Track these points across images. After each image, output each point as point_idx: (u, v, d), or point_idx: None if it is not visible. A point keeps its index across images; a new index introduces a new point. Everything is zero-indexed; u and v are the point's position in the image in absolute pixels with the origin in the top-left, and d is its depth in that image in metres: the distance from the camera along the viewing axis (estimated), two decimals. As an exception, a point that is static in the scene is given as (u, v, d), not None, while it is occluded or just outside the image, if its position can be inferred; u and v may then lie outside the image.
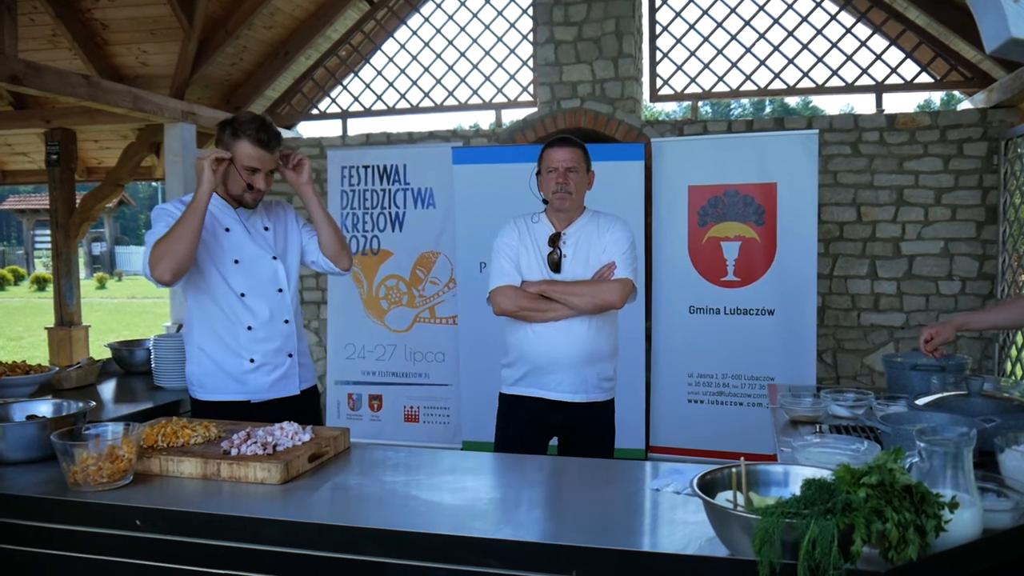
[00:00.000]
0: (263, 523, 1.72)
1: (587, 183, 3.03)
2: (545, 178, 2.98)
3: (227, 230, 2.89)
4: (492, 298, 2.97)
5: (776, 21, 6.05)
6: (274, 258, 2.95)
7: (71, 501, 1.85)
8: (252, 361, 2.82)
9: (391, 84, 6.93)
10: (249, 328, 2.82)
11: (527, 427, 2.98)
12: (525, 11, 6.50)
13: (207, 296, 2.81)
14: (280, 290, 2.92)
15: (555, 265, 2.94)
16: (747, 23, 6.08)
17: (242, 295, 2.83)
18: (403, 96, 6.90)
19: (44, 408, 2.36)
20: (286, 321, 2.94)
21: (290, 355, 2.97)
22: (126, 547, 1.80)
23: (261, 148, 2.80)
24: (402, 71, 6.92)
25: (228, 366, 2.80)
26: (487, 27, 6.64)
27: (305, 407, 3.05)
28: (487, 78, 6.67)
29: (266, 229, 3.03)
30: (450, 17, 6.87)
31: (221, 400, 2.80)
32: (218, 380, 2.81)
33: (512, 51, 6.58)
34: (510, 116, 6.72)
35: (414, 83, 6.89)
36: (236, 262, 2.85)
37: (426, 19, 6.90)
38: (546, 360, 2.91)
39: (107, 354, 3.70)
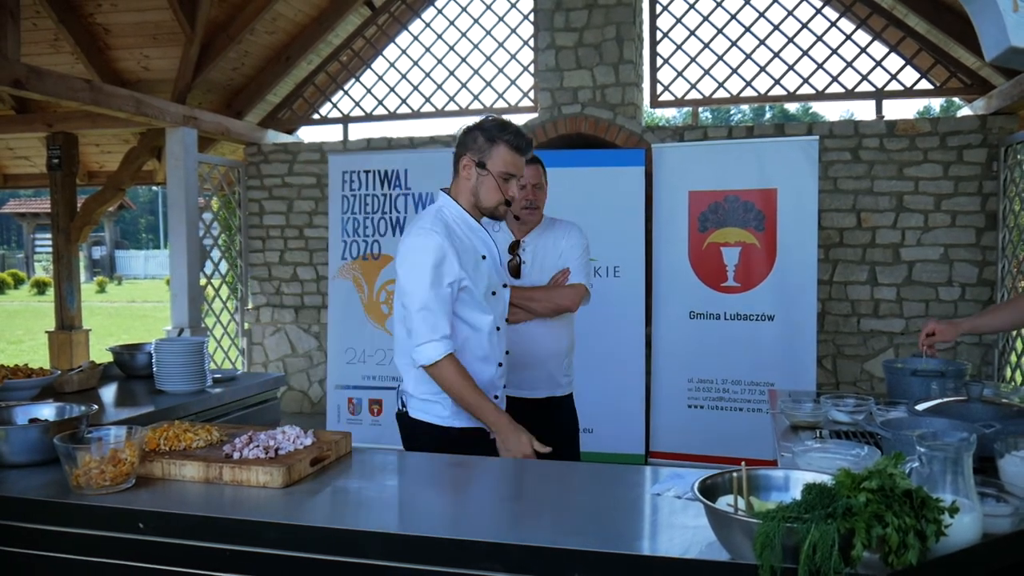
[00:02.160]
0: (265, 526, 1.72)
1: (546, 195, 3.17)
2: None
3: (484, 258, 2.63)
4: None
5: (776, 27, 6.06)
6: (504, 286, 2.77)
7: (73, 504, 1.86)
8: (496, 398, 2.67)
9: (392, 89, 6.95)
10: (500, 365, 2.69)
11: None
12: (526, 17, 6.52)
13: (468, 327, 2.60)
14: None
15: (515, 271, 3.07)
16: (747, 29, 6.10)
17: (497, 328, 2.67)
18: (404, 101, 6.92)
19: (46, 411, 2.37)
20: (507, 352, 2.79)
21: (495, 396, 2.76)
22: (128, 550, 1.80)
23: (519, 154, 2.61)
24: (403, 76, 6.93)
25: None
26: (488, 32, 6.66)
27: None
28: (488, 83, 6.69)
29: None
30: (451, 22, 6.90)
31: (471, 427, 2.60)
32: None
33: (513, 56, 6.60)
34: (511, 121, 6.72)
35: (415, 88, 6.91)
36: (493, 294, 2.67)
37: (427, 24, 6.92)
38: (515, 360, 2.96)
39: (108, 358, 3.70)
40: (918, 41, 5.89)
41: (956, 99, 6.79)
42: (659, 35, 6.28)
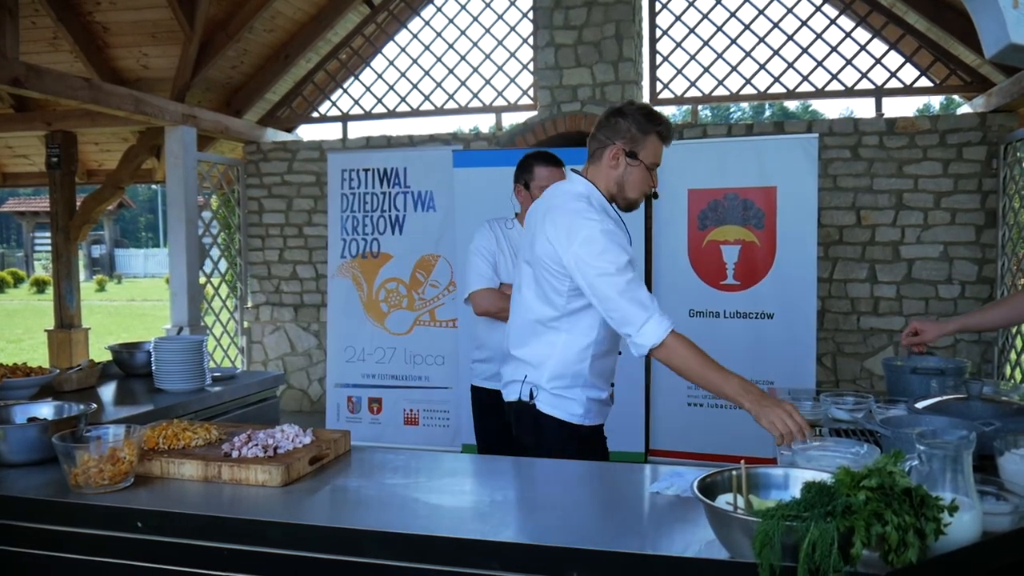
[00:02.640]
0: (264, 525, 1.72)
1: None
2: (538, 193, 2.95)
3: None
4: (473, 299, 3.12)
5: (776, 25, 6.06)
6: None
7: (72, 503, 1.85)
8: (613, 384, 2.68)
9: (391, 87, 6.94)
10: (619, 353, 2.64)
11: (501, 418, 2.97)
12: (525, 15, 6.52)
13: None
14: None
15: None
16: (747, 27, 6.09)
17: None
18: (403, 99, 6.91)
19: (45, 410, 2.36)
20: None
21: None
22: (127, 549, 1.80)
23: (666, 146, 2.53)
24: (402, 74, 6.93)
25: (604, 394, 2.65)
26: (487, 30, 6.65)
27: None
28: (487, 81, 6.68)
29: None
30: (450, 20, 6.89)
31: (598, 424, 2.64)
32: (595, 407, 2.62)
33: (512, 55, 6.59)
34: (510, 119, 6.73)
35: (414, 86, 6.90)
36: None
37: (426, 22, 6.91)
38: None
39: (107, 356, 3.69)
40: (918, 39, 5.88)
41: (956, 97, 6.79)
42: (658, 33, 6.28)
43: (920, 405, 2.28)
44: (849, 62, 6.02)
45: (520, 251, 2.72)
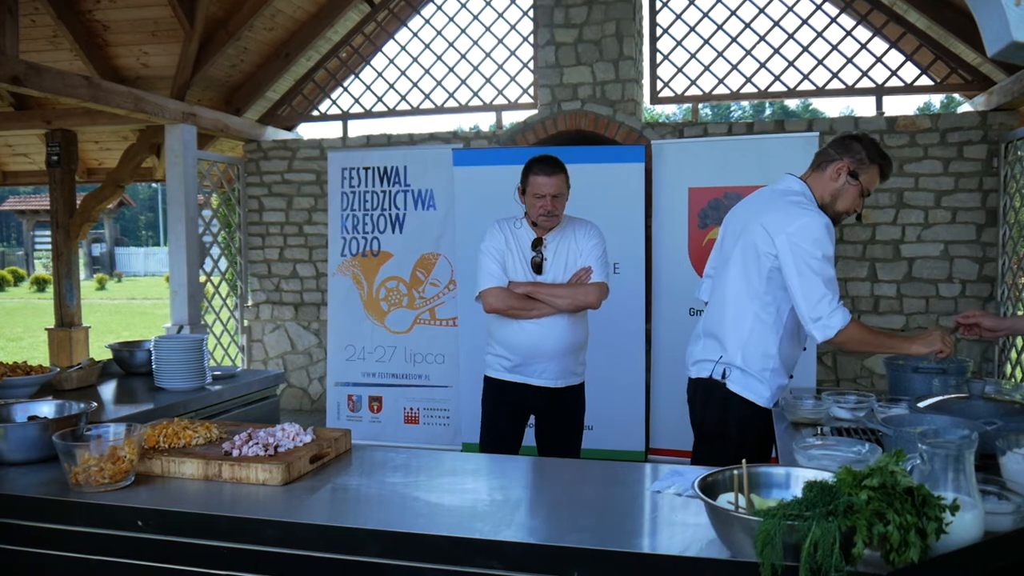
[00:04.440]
0: (264, 524, 1.72)
1: (569, 195, 3.35)
2: (531, 200, 3.27)
3: None
4: (483, 297, 3.27)
5: (776, 23, 6.05)
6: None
7: (73, 502, 1.85)
8: (791, 377, 2.84)
9: (392, 86, 6.93)
10: (804, 349, 2.89)
11: (511, 408, 3.36)
12: (526, 13, 6.51)
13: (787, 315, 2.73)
14: None
15: (537, 268, 3.29)
16: (747, 25, 6.09)
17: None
18: (403, 98, 6.91)
19: (46, 409, 2.36)
20: None
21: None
22: (127, 548, 1.80)
23: (882, 181, 2.80)
24: (403, 73, 6.92)
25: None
26: (488, 29, 6.65)
27: None
28: (488, 80, 6.68)
29: None
30: (451, 19, 6.88)
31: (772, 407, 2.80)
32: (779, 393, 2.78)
33: (513, 53, 6.58)
34: (511, 118, 6.73)
35: (415, 85, 6.90)
36: None
37: (427, 21, 6.91)
38: (534, 352, 3.26)
39: (107, 355, 3.69)
40: (918, 37, 5.87)
41: (956, 95, 6.78)
42: (659, 31, 6.27)
43: (922, 404, 2.28)
44: (850, 60, 6.01)
45: (721, 242, 2.96)
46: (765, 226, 2.64)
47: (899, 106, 12.34)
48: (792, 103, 26.30)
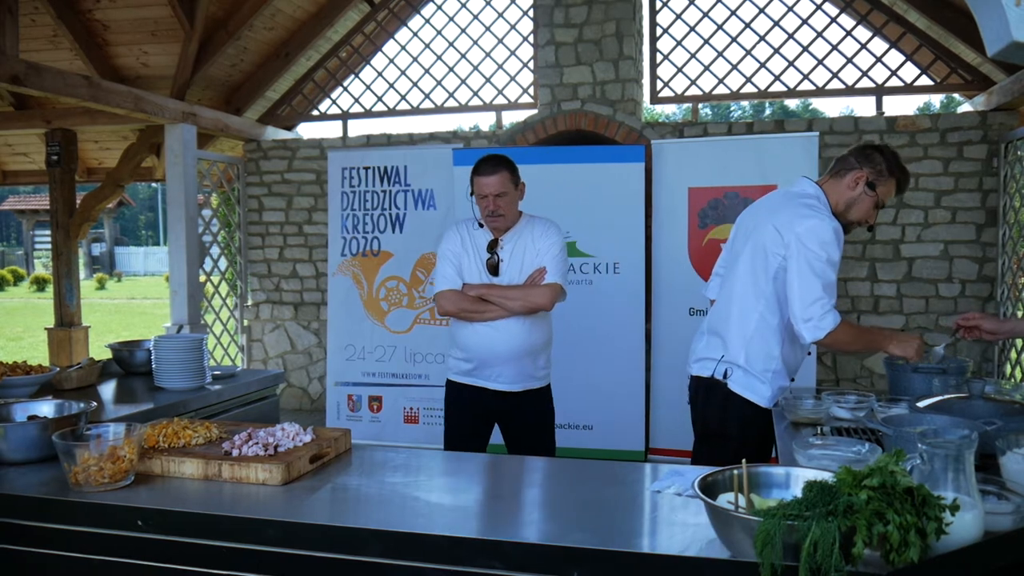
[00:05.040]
0: (264, 524, 1.72)
1: (518, 196, 3.25)
2: (478, 201, 3.22)
3: None
4: (436, 300, 3.27)
5: (776, 23, 6.05)
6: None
7: (72, 501, 1.85)
8: (792, 380, 2.84)
9: (392, 85, 6.93)
10: (808, 354, 2.95)
11: (470, 412, 3.30)
12: (526, 13, 6.51)
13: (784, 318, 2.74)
14: None
15: (493, 269, 3.22)
16: (747, 25, 6.09)
17: None
18: (403, 98, 6.91)
19: (45, 408, 2.36)
20: None
21: None
22: (127, 547, 1.80)
23: (898, 195, 2.88)
24: (403, 72, 6.92)
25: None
26: (488, 29, 6.64)
27: None
28: (488, 80, 6.68)
29: None
30: (451, 19, 6.88)
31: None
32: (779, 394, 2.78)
33: (513, 53, 6.58)
34: (511, 118, 6.72)
35: (415, 84, 6.89)
36: None
37: (427, 20, 6.90)
38: (488, 355, 3.20)
39: (107, 355, 3.69)
40: (918, 37, 5.87)
41: (956, 95, 6.78)
42: (659, 31, 6.27)
43: (922, 404, 2.28)
44: (850, 60, 6.01)
45: (733, 241, 2.97)
46: (776, 226, 2.65)
47: (899, 106, 12.34)
48: (792, 103, 26.30)
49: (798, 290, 2.55)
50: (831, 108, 44.23)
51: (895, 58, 5.95)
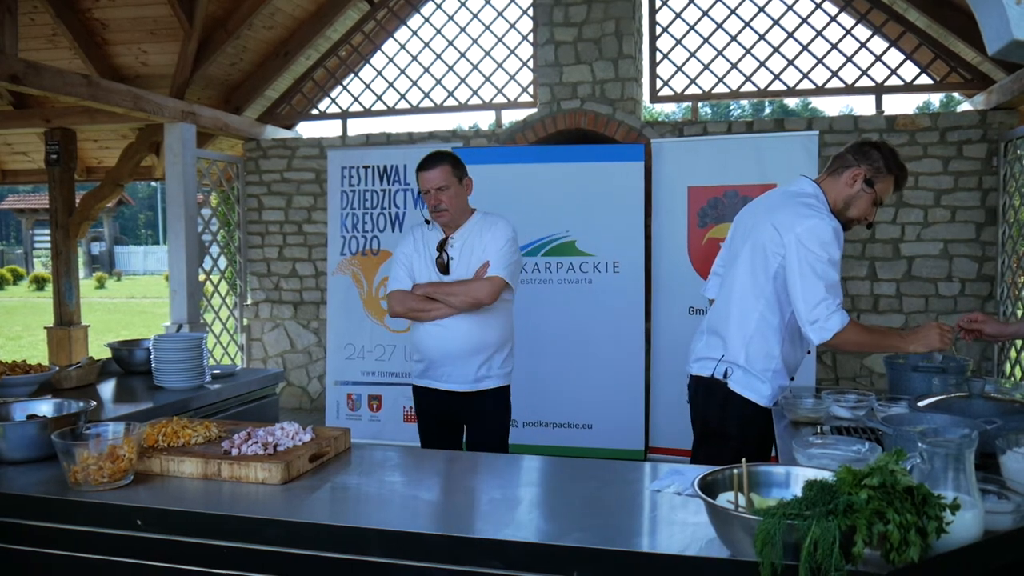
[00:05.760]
0: (264, 523, 1.72)
1: (465, 191, 3.21)
2: (423, 197, 3.19)
3: None
4: (388, 302, 3.26)
5: (776, 22, 6.05)
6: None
7: (72, 501, 1.85)
8: (792, 379, 2.84)
9: (391, 84, 6.93)
10: (808, 353, 2.93)
11: (430, 414, 3.29)
12: (525, 12, 6.50)
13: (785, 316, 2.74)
14: None
15: (443, 268, 3.19)
16: (747, 24, 6.08)
17: None
18: (403, 96, 6.90)
19: (44, 408, 2.36)
20: None
21: None
22: (127, 547, 1.80)
23: (896, 191, 2.85)
24: (402, 71, 6.92)
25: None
26: (487, 28, 6.64)
27: None
28: (487, 79, 6.67)
29: None
30: (450, 18, 6.87)
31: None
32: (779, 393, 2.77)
33: (512, 52, 6.58)
34: (510, 117, 6.72)
35: (414, 83, 6.89)
36: None
37: (426, 19, 6.90)
38: (438, 355, 3.18)
39: (107, 354, 3.69)
40: (918, 36, 5.87)
41: (956, 94, 6.78)
42: (658, 30, 6.26)
43: (922, 403, 2.28)
44: (849, 59, 6.01)
45: (731, 240, 2.95)
46: (775, 225, 2.64)
47: (899, 105, 12.35)
48: (792, 102, 26.30)
49: (801, 292, 2.54)
50: (831, 107, 44.20)
51: (895, 57, 5.95)
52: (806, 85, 6.14)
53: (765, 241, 2.66)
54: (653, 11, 6.28)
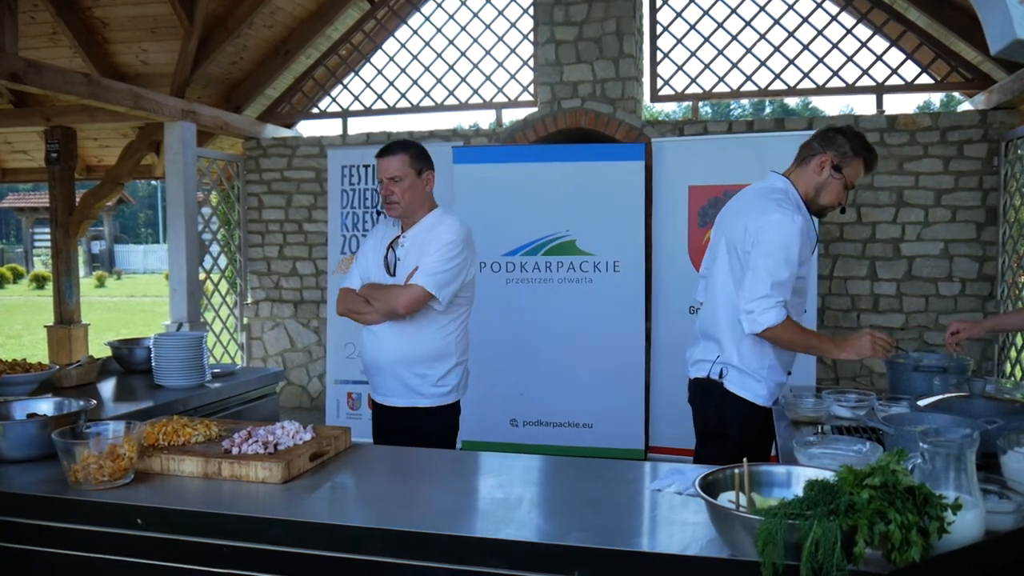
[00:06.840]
0: (264, 522, 1.72)
1: (423, 185, 2.95)
2: (380, 189, 2.96)
3: (814, 249, 2.92)
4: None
5: (777, 22, 6.05)
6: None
7: (72, 500, 1.85)
8: (789, 375, 2.85)
9: (391, 83, 6.92)
10: None
11: (383, 430, 3.06)
12: (526, 11, 6.50)
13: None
14: None
15: (389, 268, 2.95)
16: (748, 24, 6.08)
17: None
18: (403, 95, 6.90)
19: (45, 406, 2.36)
20: None
21: None
22: (127, 546, 1.80)
23: (867, 173, 2.77)
24: (403, 70, 6.91)
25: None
26: (488, 26, 6.64)
27: None
28: (488, 78, 6.67)
29: None
30: (451, 16, 6.87)
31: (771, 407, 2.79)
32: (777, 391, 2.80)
33: (513, 51, 6.57)
34: (510, 116, 6.72)
35: (415, 82, 6.89)
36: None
37: (427, 18, 6.90)
38: (370, 362, 3.01)
39: (107, 352, 3.69)
40: (919, 36, 5.87)
41: (956, 94, 6.78)
42: (659, 29, 6.26)
43: (923, 403, 2.28)
44: (850, 59, 6.00)
45: (712, 242, 2.96)
46: (745, 223, 2.67)
47: (899, 104, 12.34)
48: (792, 101, 26.28)
49: (748, 282, 2.59)
50: (831, 107, 44.15)
51: (895, 56, 5.95)
52: (807, 84, 6.13)
53: (736, 240, 2.69)
54: (654, 10, 6.27)
